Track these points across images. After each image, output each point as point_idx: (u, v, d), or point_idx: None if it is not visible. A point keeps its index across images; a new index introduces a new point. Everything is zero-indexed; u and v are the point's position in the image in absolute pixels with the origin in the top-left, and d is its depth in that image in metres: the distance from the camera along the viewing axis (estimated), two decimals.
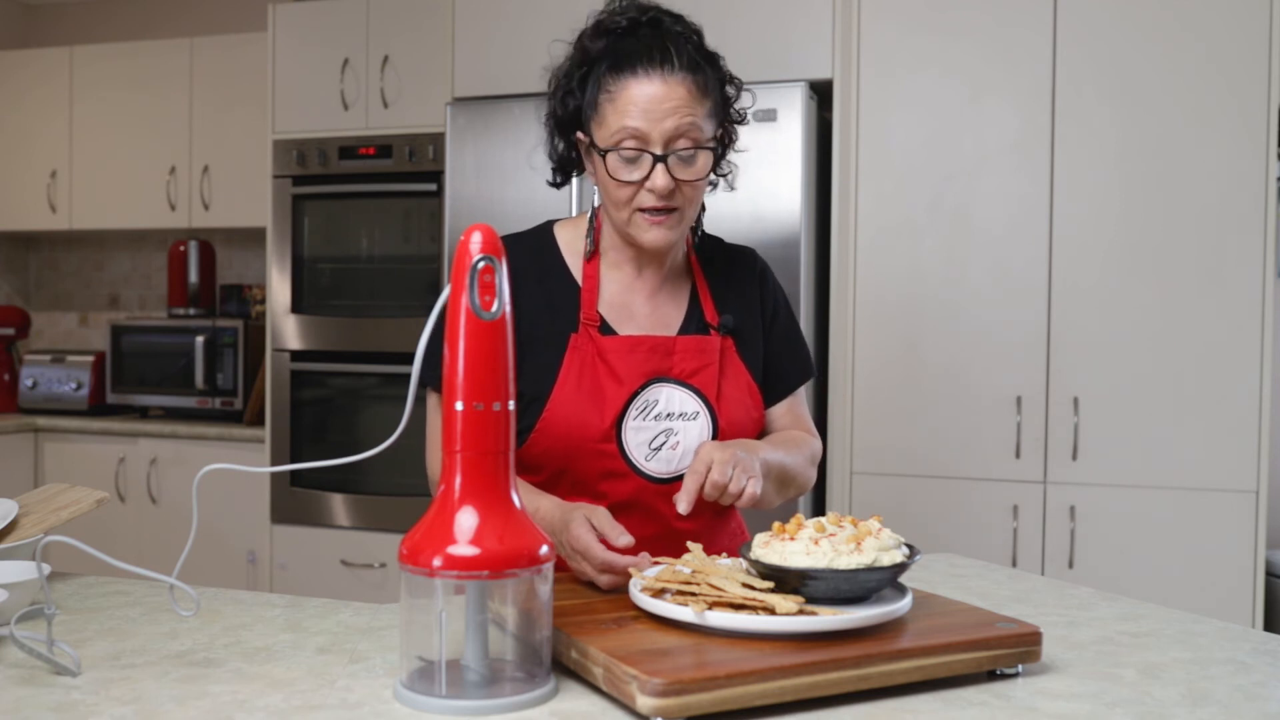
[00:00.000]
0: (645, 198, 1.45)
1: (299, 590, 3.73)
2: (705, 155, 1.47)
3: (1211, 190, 2.82)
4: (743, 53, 3.13)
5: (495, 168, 3.30)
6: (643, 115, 1.42)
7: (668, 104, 1.42)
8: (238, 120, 4.26)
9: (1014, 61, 2.95)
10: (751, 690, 0.98)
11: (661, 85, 1.42)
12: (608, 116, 1.45)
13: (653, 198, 1.45)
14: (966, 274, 2.99)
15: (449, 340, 1.05)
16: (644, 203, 1.46)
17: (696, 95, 1.44)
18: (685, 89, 1.43)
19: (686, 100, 1.43)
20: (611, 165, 1.45)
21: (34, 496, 1.63)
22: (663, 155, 1.43)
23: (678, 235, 1.50)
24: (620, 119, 1.43)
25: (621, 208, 1.48)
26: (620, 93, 1.44)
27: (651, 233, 1.48)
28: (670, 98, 1.42)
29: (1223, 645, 1.24)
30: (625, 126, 1.43)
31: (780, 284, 1.70)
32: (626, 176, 1.45)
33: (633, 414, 1.48)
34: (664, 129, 1.42)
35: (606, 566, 1.27)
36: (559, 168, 1.58)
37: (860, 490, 3.07)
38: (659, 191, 1.44)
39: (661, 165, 1.43)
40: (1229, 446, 2.80)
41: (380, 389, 3.83)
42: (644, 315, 1.56)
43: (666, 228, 1.48)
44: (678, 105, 1.43)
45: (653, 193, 1.44)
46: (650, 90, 1.42)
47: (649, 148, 1.43)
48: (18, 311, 4.72)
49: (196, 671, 1.11)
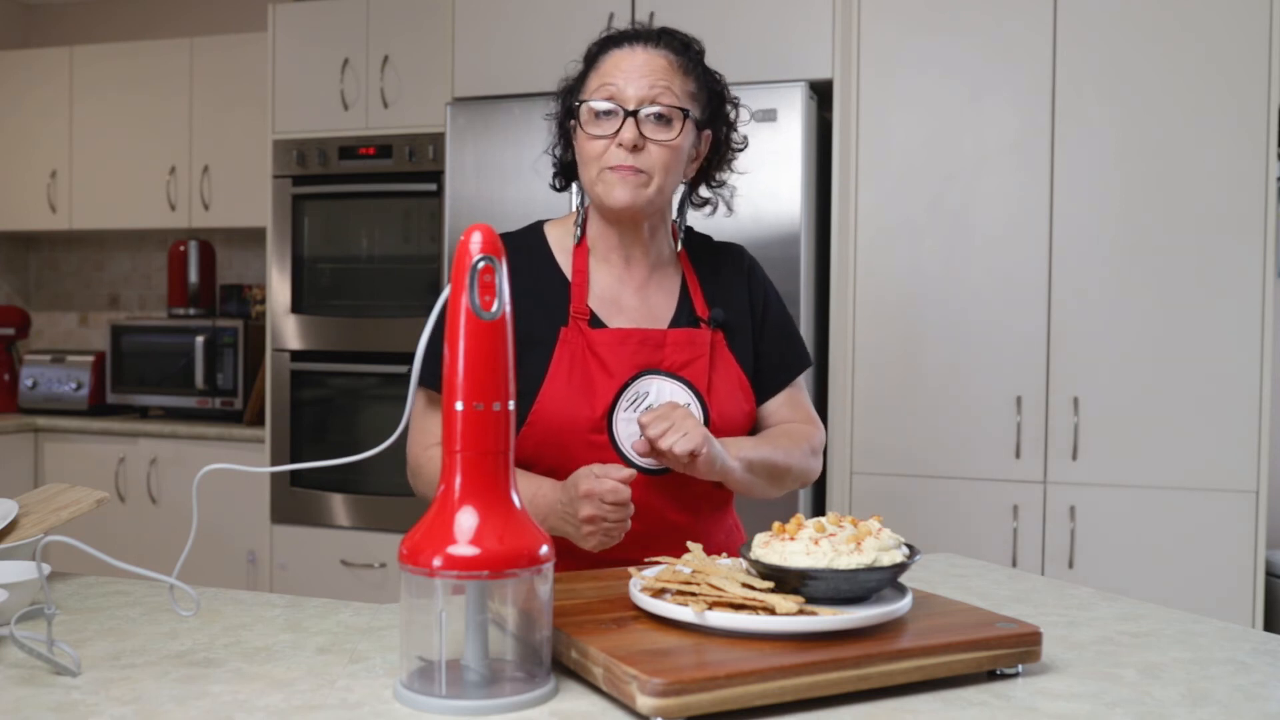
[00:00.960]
0: (614, 154, 1.49)
1: (299, 590, 3.73)
2: (679, 123, 1.50)
3: (1211, 190, 2.82)
4: (743, 53, 3.13)
5: (495, 168, 3.30)
6: (619, 74, 1.49)
7: (645, 68, 1.49)
8: (238, 120, 4.26)
9: (1014, 61, 2.95)
10: (751, 690, 0.98)
11: (642, 53, 1.50)
12: (590, 82, 1.52)
13: (621, 153, 1.48)
14: (966, 274, 2.99)
15: (449, 340, 1.05)
16: (612, 160, 1.49)
17: (675, 70, 1.51)
18: (665, 61, 1.51)
19: (665, 70, 1.50)
20: (585, 119, 1.50)
21: (34, 496, 1.63)
22: (633, 110, 1.47)
23: (643, 200, 1.51)
24: (600, 80, 1.50)
25: (592, 165, 1.51)
26: (604, 61, 1.52)
27: (617, 189, 1.49)
28: (649, 65, 1.49)
29: (1223, 645, 1.24)
30: (603, 85, 1.49)
31: (770, 278, 1.71)
32: (597, 130, 1.49)
33: (623, 406, 1.49)
34: (638, 88, 1.48)
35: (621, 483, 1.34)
36: (561, 171, 1.63)
37: (860, 490, 3.07)
38: (626, 144, 1.47)
39: (631, 120, 1.47)
40: (1229, 446, 2.80)
41: (380, 389, 3.83)
42: (633, 308, 1.57)
43: (632, 185, 1.49)
44: (654, 70, 1.49)
45: (621, 147, 1.48)
46: (631, 57, 1.50)
47: (623, 104, 1.48)
48: (18, 311, 4.72)
49: (196, 671, 1.11)
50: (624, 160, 1.48)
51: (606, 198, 1.50)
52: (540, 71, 3.23)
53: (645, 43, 1.51)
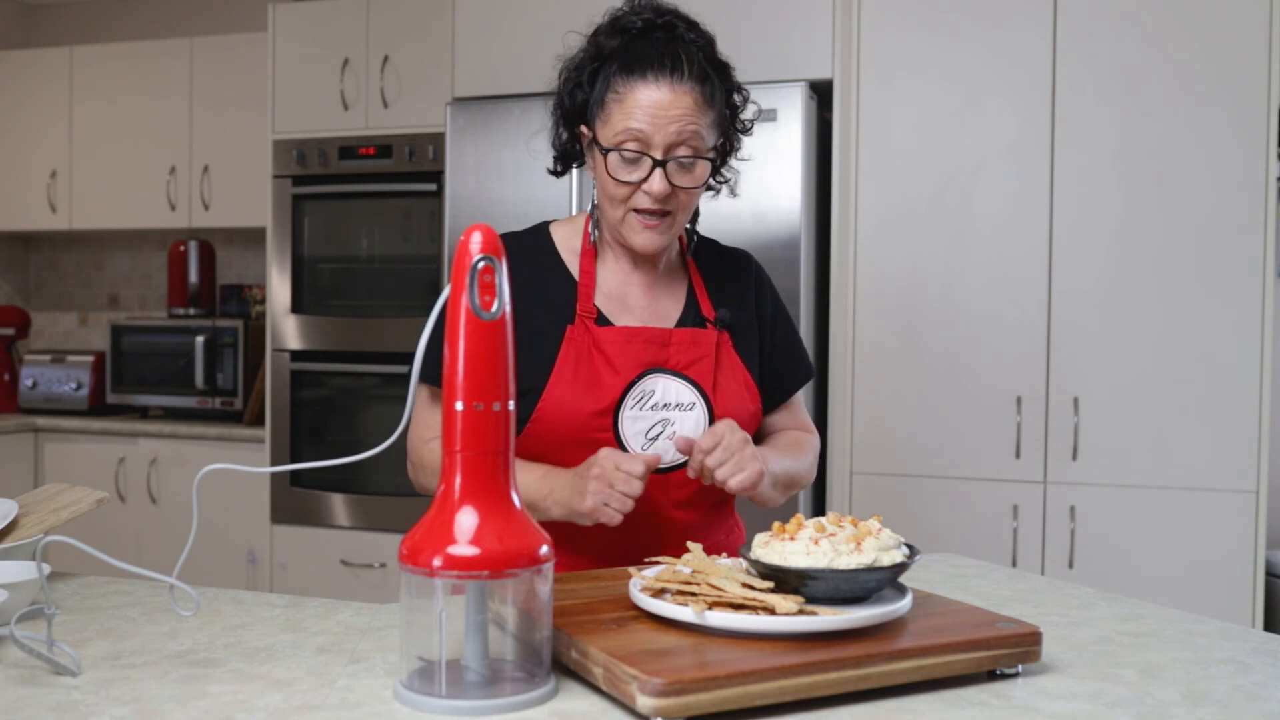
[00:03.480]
0: (640, 199, 1.48)
1: (299, 590, 3.73)
2: (704, 164, 1.49)
3: (1211, 190, 2.82)
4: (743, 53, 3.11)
5: (495, 168, 3.30)
6: (647, 119, 1.44)
7: (673, 111, 1.44)
8: (238, 120, 4.26)
9: (1014, 62, 2.95)
10: (751, 690, 0.98)
11: (669, 92, 1.45)
12: (613, 116, 1.47)
13: (648, 200, 1.47)
14: (966, 274, 2.99)
15: (449, 340, 1.05)
16: (639, 204, 1.48)
17: (702, 105, 1.47)
18: (692, 98, 1.46)
19: (691, 109, 1.45)
20: (612, 164, 1.47)
21: (34, 496, 1.63)
22: (662, 160, 1.45)
23: (667, 240, 1.52)
24: (625, 120, 1.45)
25: (617, 206, 1.50)
26: (628, 94, 1.46)
27: (642, 235, 1.50)
28: (676, 105, 1.44)
29: (1223, 645, 1.24)
30: (629, 128, 1.45)
31: (776, 287, 1.71)
32: (625, 177, 1.47)
33: (629, 404, 1.49)
34: (666, 135, 1.45)
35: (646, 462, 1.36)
36: (560, 157, 1.61)
37: (860, 490, 3.07)
38: (655, 195, 1.46)
39: (660, 170, 1.45)
40: (1229, 446, 2.80)
41: (380, 389, 3.83)
42: (641, 307, 1.57)
43: (658, 232, 1.50)
44: (682, 113, 1.45)
45: (649, 195, 1.47)
46: (657, 96, 1.44)
47: (649, 151, 1.45)
48: (18, 311, 4.72)
49: (196, 671, 1.11)
50: (650, 206, 1.48)
51: (631, 242, 1.51)
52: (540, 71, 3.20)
53: (671, 75, 1.45)
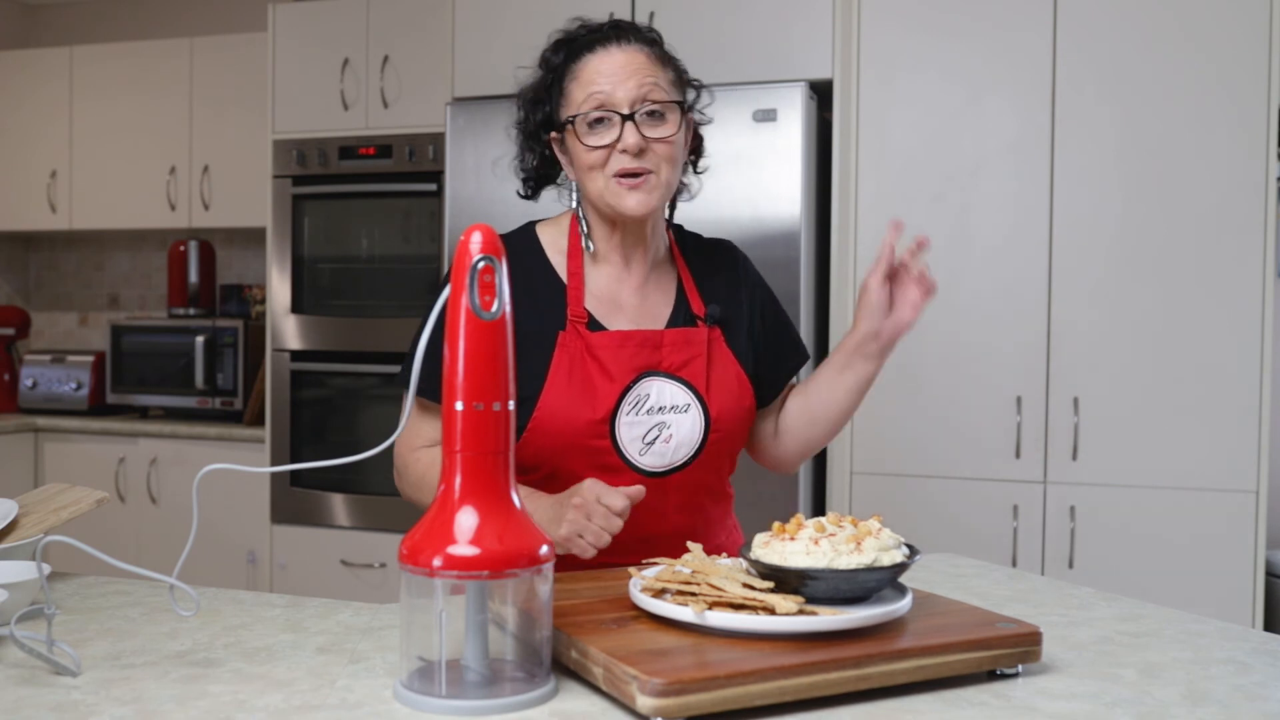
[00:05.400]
0: (618, 160, 1.48)
1: (299, 590, 3.73)
2: (673, 115, 1.50)
3: (1211, 190, 2.82)
4: (743, 53, 3.13)
5: (495, 168, 3.30)
6: (605, 79, 1.47)
7: (628, 68, 1.48)
8: (238, 120, 4.26)
9: (1014, 62, 2.95)
10: (751, 690, 0.98)
11: (619, 54, 1.49)
12: (573, 93, 1.50)
13: (626, 158, 1.47)
14: (967, 273, 2.99)
15: (449, 340, 1.05)
16: (618, 165, 1.48)
17: (655, 62, 1.50)
18: (643, 56, 1.50)
19: (646, 64, 1.49)
20: (580, 130, 1.48)
21: (34, 496, 1.63)
22: (630, 114, 1.46)
23: (657, 200, 1.50)
24: (585, 89, 1.48)
25: (596, 175, 1.49)
26: (582, 69, 1.49)
27: (630, 198, 1.49)
28: (630, 63, 1.48)
29: (1223, 645, 1.24)
30: (591, 94, 1.48)
31: (761, 273, 1.71)
32: (596, 141, 1.48)
33: (625, 409, 1.49)
34: (627, 89, 1.47)
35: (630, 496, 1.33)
36: (532, 179, 1.62)
37: (860, 490, 3.07)
38: (630, 149, 1.46)
39: (630, 124, 1.46)
40: (1229, 446, 2.80)
41: (380, 389, 3.83)
42: (632, 308, 1.56)
43: (644, 191, 1.49)
44: (637, 68, 1.48)
45: (625, 153, 1.47)
46: (609, 60, 1.48)
47: (616, 109, 1.47)
48: (18, 311, 4.72)
49: (196, 671, 1.11)
50: (629, 165, 1.47)
51: (619, 206, 1.49)
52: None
53: (618, 41, 1.50)
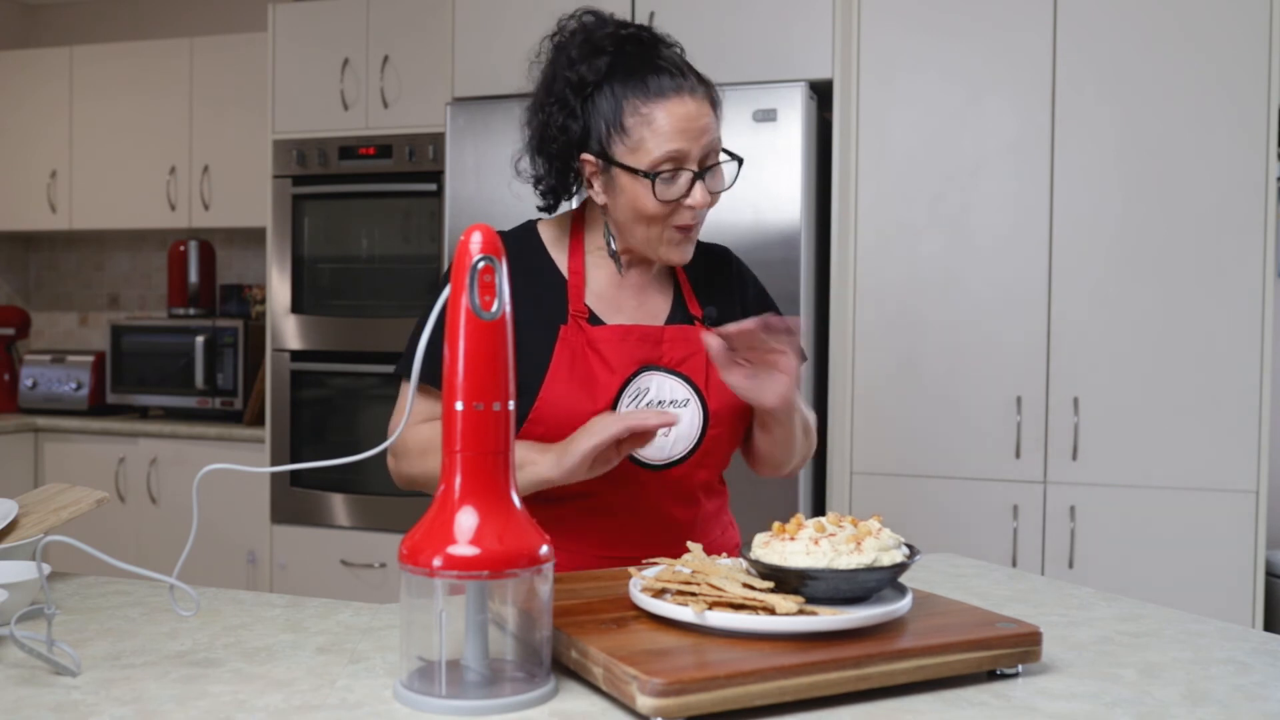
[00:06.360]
0: (682, 215, 1.47)
1: (299, 590, 3.73)
2: (731, 166, 1.50)
3: (1211, 190, 2.82)
4: (743, 53, 3.13)
5: (495, 168, 3.30)
6: (683, 137, 1.43)
7: (700, 121, 1.44)
8: (238, 120, 4.26)
9: (1014, 62, 2.95)
10: (751, 690, 0.98)
11: (692, 103, 1.44)
12: (645, 141, 1.44)
13: (690, 214, 1.47)
14: (967, 274, 2.99)
15: (449, 340, 1.05)
16: (680, 220, 1.47)
17: (712, 108, 1.48)
18: (707, 102, 1.47)
19: (710, 113, 1.47)
20: (659, 189, 1.44)
21: (34, 496, 1.63)
22: (701, 172, 1.45)
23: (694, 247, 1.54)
24: (664, 142, 1.43)
25: (654, 225, 1.47)
26: (656, 115, 1.43)
27: (680, 250, 1.50)
28: (701, 114, 1.45)
29: (1223, 645, 1.24)
30: (669, 151, 1.43)
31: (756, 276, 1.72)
32: (669, 195, 1.45)
33: (625, 402, 1.49)
34: (700, 146, 1.45)
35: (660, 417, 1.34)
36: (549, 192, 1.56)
37: (860, 490, 3.07)
38: (699, 207, 1.46)
39: (700, 182, 1.45)
40: (1229, 446, 2.80)
41: (380, 389, 3.83)
42: (632, 307, 1.57)
43: (691, 242, 1.51)
44: (707, 121, 1.45)
45: (692, 209, 1.46)
46: (683, 110, 1.44)
47: (687, 165, 1.45)
48: (18, 311, 4.72)
49: (196, 671, 1.11)
50: (691, 220, 1.47)
51: (668, 257, 1.50)
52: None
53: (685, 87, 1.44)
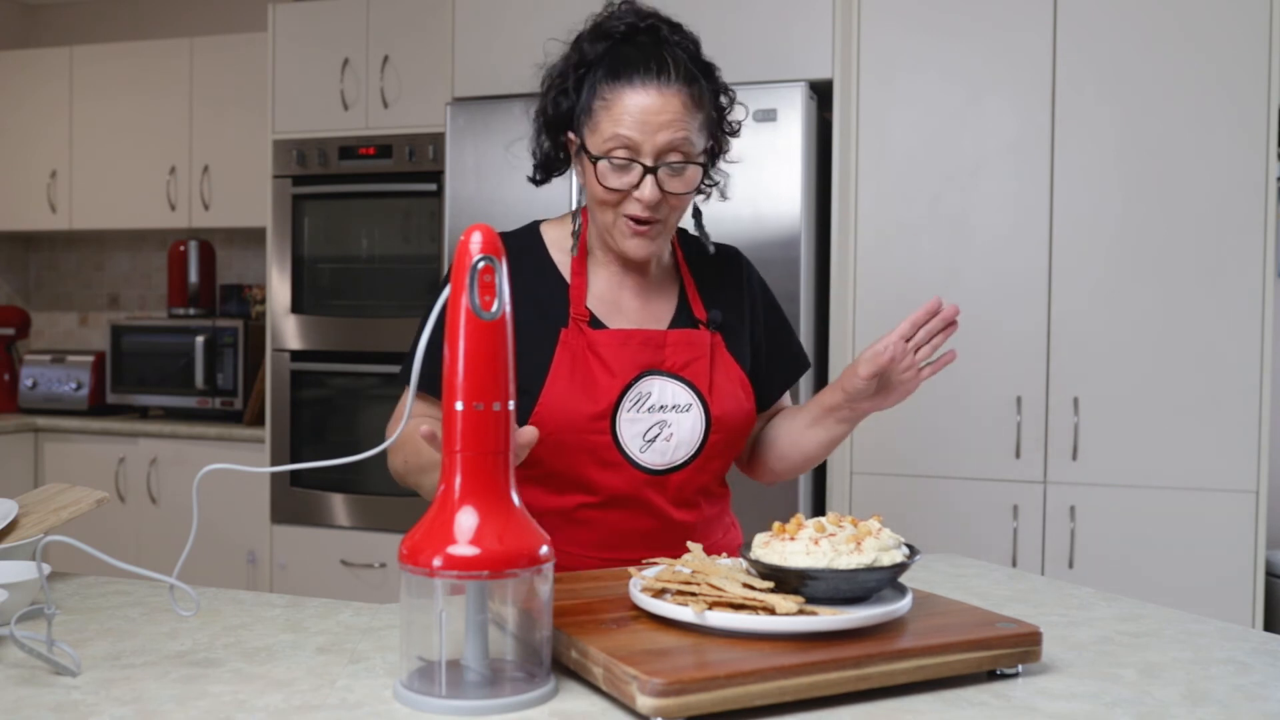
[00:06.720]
0: (631, 205, 1.46)
1: (299, 590, 3.73)
2: (694, 169, 1.47)
3: (1211, 190, 2.82)
4: (743, 53, 3.13)
5: (495, 168, 3.30)
6: (636, 126, 1.43)
7: (662, 116, 1.43)
8: (238, 120, 4.26)
9: (1014, 62, 2.95)
10: (751, 690, 0.98)
11: (657, 97, 1.43)
12: (601, 123, 1.45)
13: (639, 207, 1.46)
14: (967, 273, 2.99)
15: (449, 340, 1.05)
16: (629, 210, 1.47)
17: (690, 108, 1.45)
18: (680, 101, 1.44)
19: (680, 113, 1.44)
20: (601, 172, 1.45)
21: (34, 496, 1.63)
22: (653, 167, 1.44)
23: (658, 247, 1.52)
24: (614, 127, 1.43)
25: (607, 211, 1.49)
26: (615, 101, 1.44)
27: (632, 242, 1.49)
28: (665, 110, 1.43)
29: (1223, 645, 1.24)
30: (618, 135, 1.43)
31: (765, 280, 1.71)
32: (616, 184, 1.45)
33: (626, 406, 1.49)
34: (656, 141, 1.43)
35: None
36: (541, 165, 1.58)
37: (860, 490, 3.07)
38: (646, 202, 1.45)
39: (651, 177, 1.44)
40: (1229, 446, 2.80)
41: (380, 389, 3.83)
42: (634, 310, 1.57)
43: (648, 238, 1.49)
44: (672, 118, 1.43)
45: (640, 202, 1.45)
46: (645, 101, 1.43)
47: (640, 158, 1.44)
48: (18, 311, 4.72)
49: (196, 671, 1.11)
50: (641, 214, 1.46)
51: (622, 247, 1.50)
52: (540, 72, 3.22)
53: (659, 78, 1.43)
